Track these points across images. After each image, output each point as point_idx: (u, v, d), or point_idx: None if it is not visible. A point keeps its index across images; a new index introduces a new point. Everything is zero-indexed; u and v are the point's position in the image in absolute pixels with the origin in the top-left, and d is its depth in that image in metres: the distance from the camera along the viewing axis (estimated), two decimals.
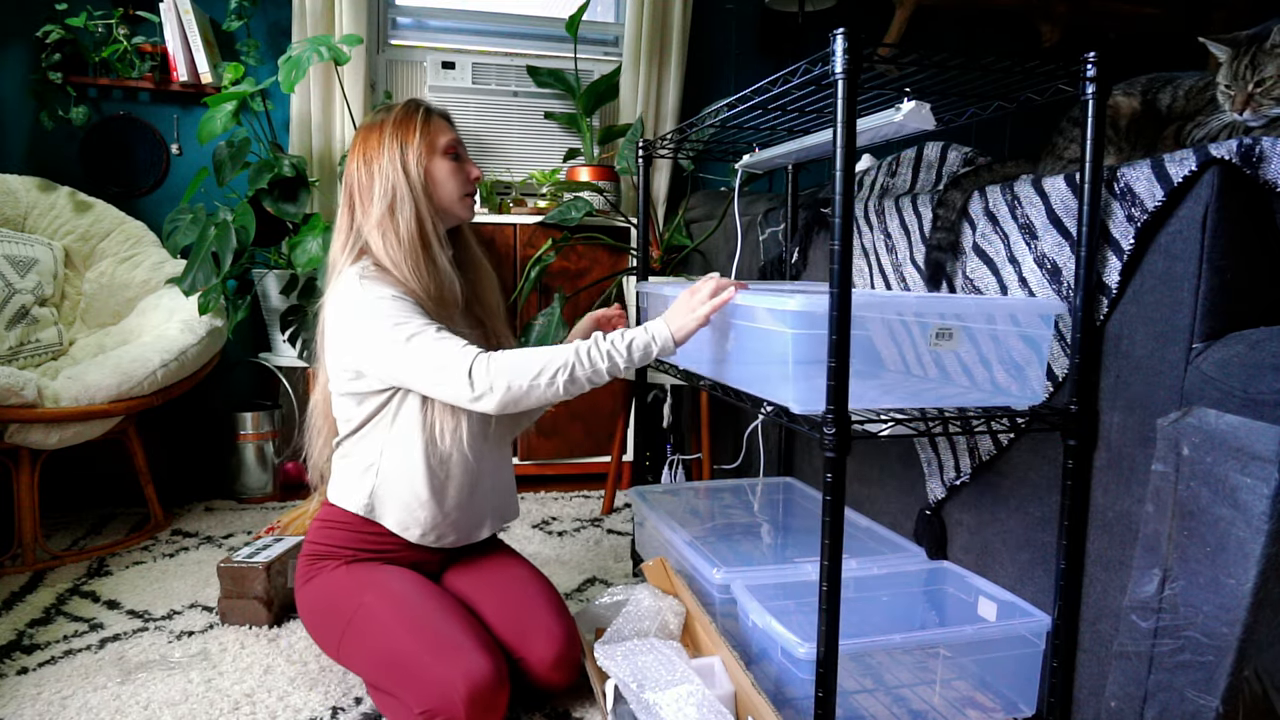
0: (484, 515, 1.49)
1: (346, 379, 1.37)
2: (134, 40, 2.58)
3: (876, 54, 1.08)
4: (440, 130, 1.44)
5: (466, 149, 1.50)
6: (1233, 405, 0.96)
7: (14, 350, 2.24)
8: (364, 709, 1.37)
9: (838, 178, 1.03)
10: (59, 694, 1.40)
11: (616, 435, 2.48)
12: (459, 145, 1.46)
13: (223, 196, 2.64)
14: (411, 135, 1.40)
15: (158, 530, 2.26)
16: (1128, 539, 1.12)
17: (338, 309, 1.35)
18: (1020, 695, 1.30)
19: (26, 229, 2.40)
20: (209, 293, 2.28)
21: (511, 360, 1.25)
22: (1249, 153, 0.99)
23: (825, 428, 1.05)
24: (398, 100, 1.46)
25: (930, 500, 1.51)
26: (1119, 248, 1.13)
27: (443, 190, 1.42)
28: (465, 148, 1.49)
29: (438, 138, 1.43)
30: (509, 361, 1.25)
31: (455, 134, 1.47)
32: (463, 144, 1.48)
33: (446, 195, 1.43)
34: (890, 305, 1.24)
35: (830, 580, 1.08)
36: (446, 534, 1.43)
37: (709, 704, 1.16)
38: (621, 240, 2.69)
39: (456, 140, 1.46)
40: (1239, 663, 0.92)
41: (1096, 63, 1.15)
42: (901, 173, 1.73)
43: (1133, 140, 1.40)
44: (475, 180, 1.47)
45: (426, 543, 1.41)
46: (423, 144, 1.40)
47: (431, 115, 1.45)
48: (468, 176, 1.46)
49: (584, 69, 2.91)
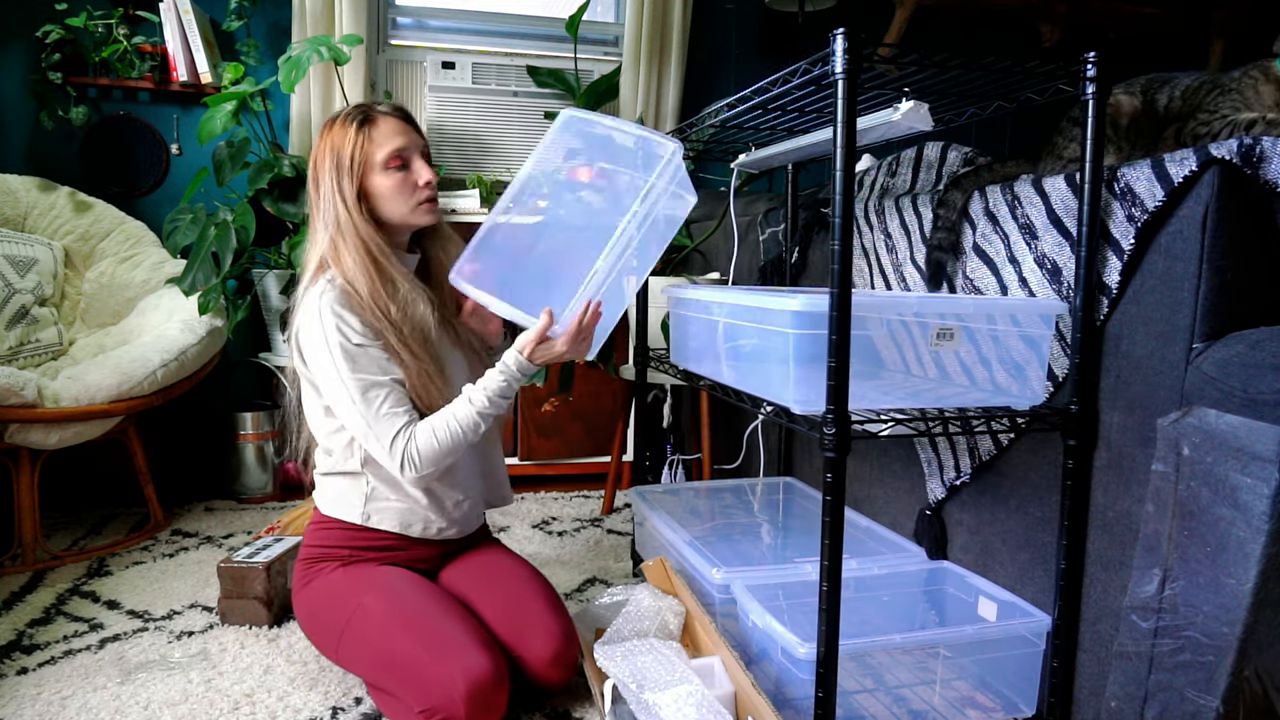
0: (480, 502, 1.52)
1: (317, 396, 1.38)
2: (134, 40, 2.58)
3: (876, 54, 1.08)
4: (383, 139, 1.34)
5: (425, 146, 1.40)
6: (1233, 405, 0.96)
7: (14, 350, 2.23)
8: (364, 709, 1.37)
9: (838, 178, 1.03)
10: (59, 694, 1.40)
11: (616, 435, 2.48)
12: (406, 151, 1.36)
13: (223, 196, 2.64)
14: (346, 155, 1.33)
15: (158, 530, 2.26)
16: (1128, 539, 1.12)
17: (306, 335, 1.33)
18: (1020, 695, 1.30)
19: (26, 229, 2.40)
20: (209, 293, 2.27)
21: (432, 446, 1.30)
22: (1249, 153, 0.99)
23: (825, 428, 1.05)
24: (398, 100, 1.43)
25: (930, 500, 1.51)
26: (1119, 248, 1.13)
27: (389, 205, 1.36)
28: (419, 148, 1.38)
29: (375, 152, 1.33)
30: (430, 449, 1.30)
31: (405, 137, 1.36)
32: (415, 146, 1.37)
33: (394, 210, 1.36)
34: (890, 305, 1.24)
35: (830, 580, 1.08)
36: (449, 527, 1.44)
37: (709, 704, 1.16)
38: None
39: (402, 147, 1.35)
40: (1239, 663, 0.92)
41: (1096, 63, 1.15)
42: (901, 173, 1.73)
43: (1133, 140, 1.40)
44: (427, 185, 1.37)
45: (429, 536, 1.42)
46: (360, 163, 1.33)
47: (370, 123, 1.35)
48: (415, 185, 1.36)
49: (584, 69, 2.91)
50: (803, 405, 1.14)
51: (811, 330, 1.12)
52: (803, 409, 1.14)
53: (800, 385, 1.14)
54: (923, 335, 1.22)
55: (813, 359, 1.12)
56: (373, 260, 1.33)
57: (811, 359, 1.12)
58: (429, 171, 1.38)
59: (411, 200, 1.37)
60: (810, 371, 1.12)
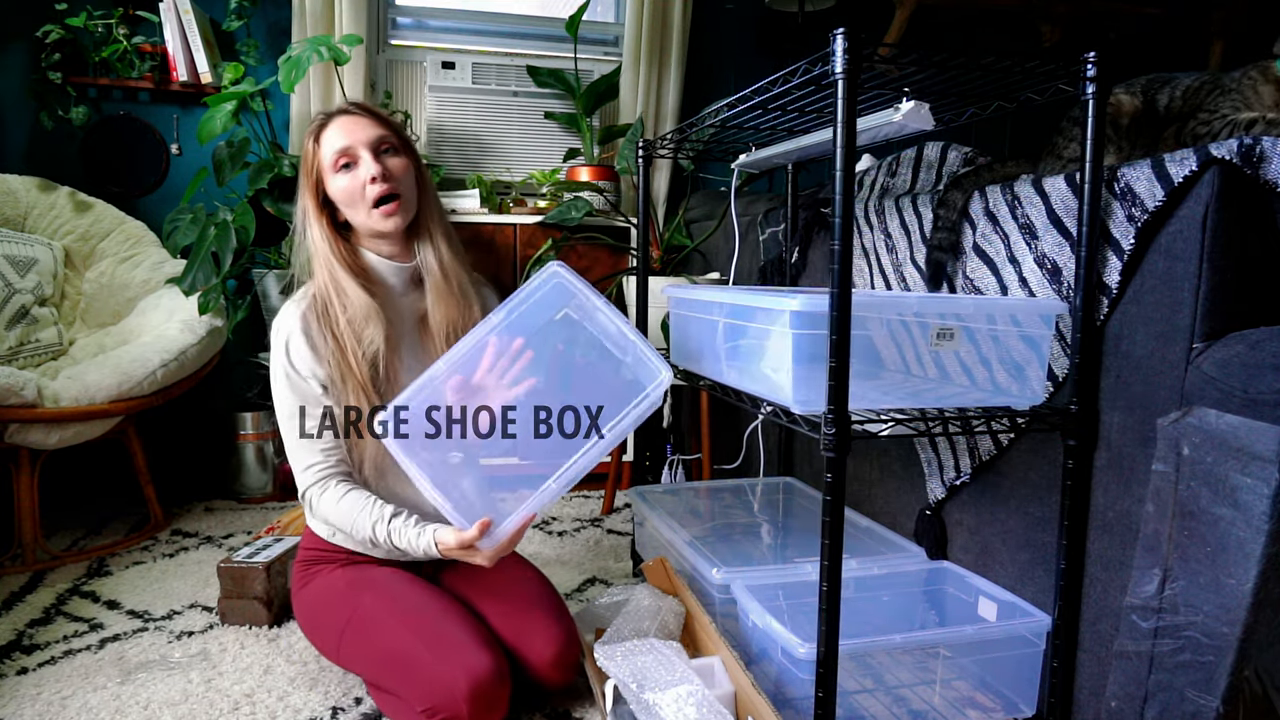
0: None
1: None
2: (134, 40, 2.58)
3: (876, 54, 1.08)
4: (328, 142, 1.28)
5: (385, 136, 1.30)
6: (1233, 405, 0.96)
7: (14, 350, 2.23)
8: (364, 709, 1.37)
9: (838, 178, 1.03)
10: (59, 694, 1.40)
11: None
12: (351, 149, 1.28)
13: (223, 196, 2.64)
14: (305, 167, 1.31)
15: (158, 530, 2.26)
16: (1128, 539, 1.12)
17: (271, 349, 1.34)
18: (1020, 695, 1.30)
19: (26, 229, 2.40)
20: (209, 293, 2.27)
21: (333, 512, 1.30)
22: (1249, 152, 0.99)
23: (825, 428, 1.05)
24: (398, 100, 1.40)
25: (930, 500, 1.51)
26: (1119, 248, 1.13)
27: (350, 212, 1.31)
28: (368, 141, 1.28)
29: (323, 154, 1.28)
30: (331, 511, 1.30)
31: (349, 135, 1.28)
32: (362, 142, 1.28)
33: (356, 217, 1.31)
34: (890, 305, 1.24)
35: (830, 580, 1.08)
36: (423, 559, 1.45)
37: (709, 704, 1.16)
38: (622, 240, 2.69)
39: (345, 147, 1.28)
40: (1239, 663, 0.92)
41: (1097, 62, 1.15)
42: (901, 173, 1.73)
43: (1133, 140, 1.40)
44: (373, 180, 1.27)
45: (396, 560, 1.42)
46: (315, 172, 1.30)
47: (324, 128, 1.30)
48: (361, 185, 1.27)
49: (584, 69, 2.91)
50: (803, 405, 1.14)
51: (811, 330, 1.12)
52: (803, 409, 1.14)
53: (800, 385, 1.14)
54: (923, 335, 1.22)
55: (813, 359, 1.12)
56: (329, 273, 1.31)
57: (811, 359, 1.12)
58: (376, 164, 1.27)
59: (364, 202, 1.29)
60: (810, 371, 1.12)
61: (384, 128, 1.33)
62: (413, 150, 1.37)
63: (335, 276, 1.30)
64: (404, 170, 1.33)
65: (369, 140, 1.29)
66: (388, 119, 1.35)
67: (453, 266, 1.39)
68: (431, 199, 1.39)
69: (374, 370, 1.31)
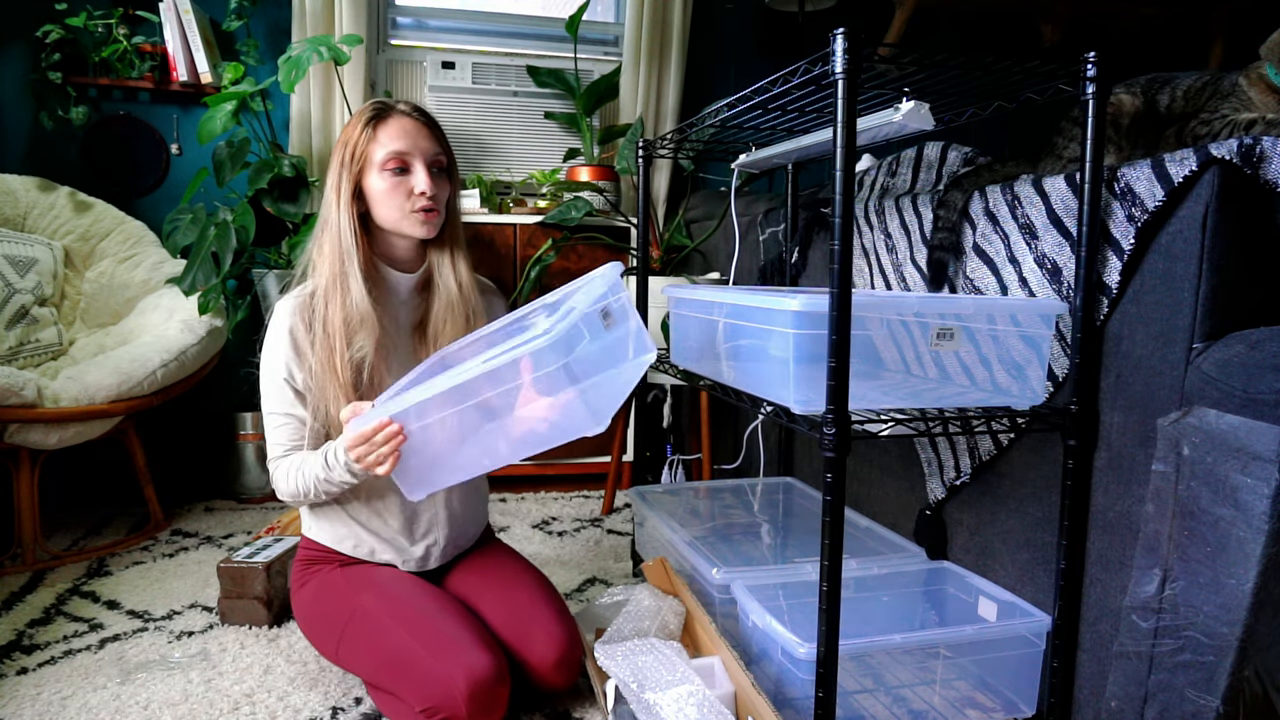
0: (467, 522, 1.50)
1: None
2: (134, 40, 2.58)
3: (876, 54, 1.08)
4: (386, 139, 1.29)
5: (440, 155, 1.34)
6: (1233, 405, 0.96)
7: (14, 350, 2.23)
8: (364, 709, 1.37)
9: (838, 178, 1.03)
10: (59, 694, 1.40)
11: (616, 435, 2.48)
12: (408, 155, 1.30)
13: (223, 196, 2.64)
14: (349, 148, 1.30)
15: (157, 530, 2.26)
16: (1128, 539, 1.12)
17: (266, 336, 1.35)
18: (1020, 695, 1.30)
19: (26, 229, 2.40)
20: (209, 293, 2.28)
21: (284, 483, 1.32)
22: (1249, 152, 0.99)
23: (825, 428, 1.05)
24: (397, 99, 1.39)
25: (930, 500, 1.51)
26: (1119, 248, 1.13)
27: (381, 208, 1.31)
28: (427, 155, 1.32)
29: (376, 150, 1.29)
30: (282, 484, 1.33)
31: (410, 141, 1.30)
32: (421, 152, 1.31)
33: (386, 215, 1.32)
34: (890, 305, 1.23)
35: (830, 580, 1.08)
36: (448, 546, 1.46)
37: (709, 704, 1.16)
38: (622, 240, 2.69)
39: (403, 151, 1.29)
40: (1239, 663, 0.92)
41: (1097, 62, 1.15)
42: (901, 173, 1.73)
43: (1133, 140, 1.40)
44: (422, 194, 1.30)
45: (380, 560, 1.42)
46: (360, 159, 1.30)
47: (380, 120, 1.30)
48: (409, 193, 1.30)
49: (584, 69, 2.91)
50: (803, 405, 1.14)
51: (811, 330, 1.12)
52: (803, 409, 1.14)
53: (800, 385, 1.14)
54: (923, 335, 1.22)
55: (813, 359, 1.12)
56: (341, 264, 1.30)
57: (811, 359, 1.12)
58: (429, 182, 1.30)
59: (405, 206, 1.31)
60: (810, 371, 1.12)
61: (440, 144, 1.36)
62: (455, 172, 1.41)
63: (345, 270, 1.30)
64: (447, 193, 1.37)
65: (427, 153, 1.32)
66: (443, 135, 1.38)
67: (470, 289, 1.41)
68: (458, 219, 1.42)
69: (358, 375, 1.32)
